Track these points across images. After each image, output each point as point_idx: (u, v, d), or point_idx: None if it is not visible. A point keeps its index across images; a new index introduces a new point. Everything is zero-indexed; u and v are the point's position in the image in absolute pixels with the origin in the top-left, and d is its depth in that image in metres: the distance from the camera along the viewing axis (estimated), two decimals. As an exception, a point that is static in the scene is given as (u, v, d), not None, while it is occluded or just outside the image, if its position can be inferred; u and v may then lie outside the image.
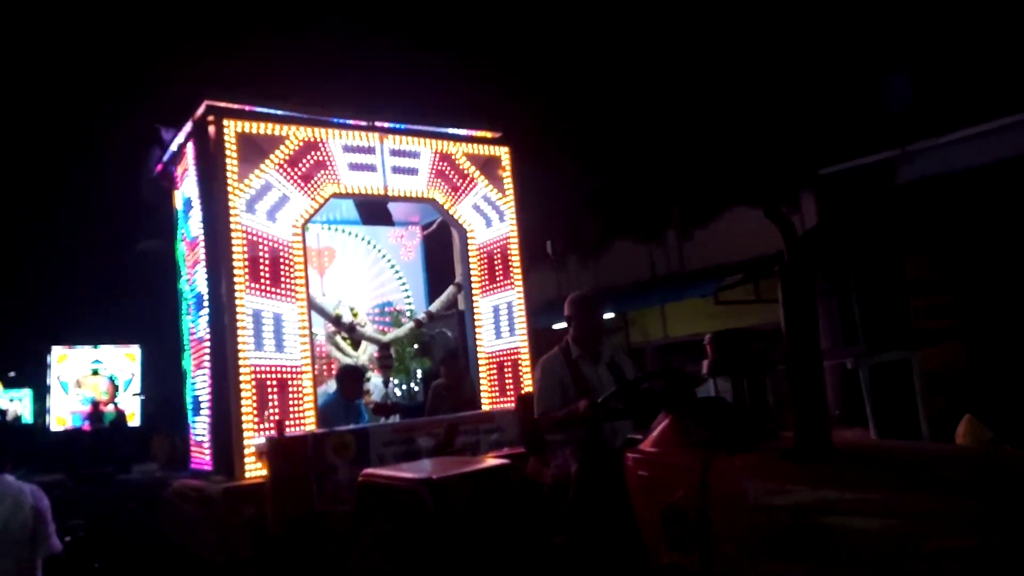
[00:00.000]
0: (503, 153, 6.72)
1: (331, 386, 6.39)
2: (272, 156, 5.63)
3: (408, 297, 7.83)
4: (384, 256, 7.85)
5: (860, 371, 7.44)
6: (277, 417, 5.24)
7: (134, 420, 17.70)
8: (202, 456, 5.79)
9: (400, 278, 7.89)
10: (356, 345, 6.96)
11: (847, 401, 8.47)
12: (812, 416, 2.58)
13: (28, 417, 25.42)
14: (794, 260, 2.60)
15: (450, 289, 6.80)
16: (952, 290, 8.85)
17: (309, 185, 5.77)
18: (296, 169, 5.72)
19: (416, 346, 6.91)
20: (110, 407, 17.58)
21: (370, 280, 7.73)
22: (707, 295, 10.58)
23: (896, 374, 7.27)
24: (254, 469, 5.16)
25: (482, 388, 6.27)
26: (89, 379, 18.45)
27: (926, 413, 6.76)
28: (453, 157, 6.45)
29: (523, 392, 4.31)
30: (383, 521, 3.85)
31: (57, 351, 18.30)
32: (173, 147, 6.48)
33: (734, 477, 2.70)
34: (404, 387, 6.90)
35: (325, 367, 6.74)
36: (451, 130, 6.56)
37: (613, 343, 4.20)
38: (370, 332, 6.64)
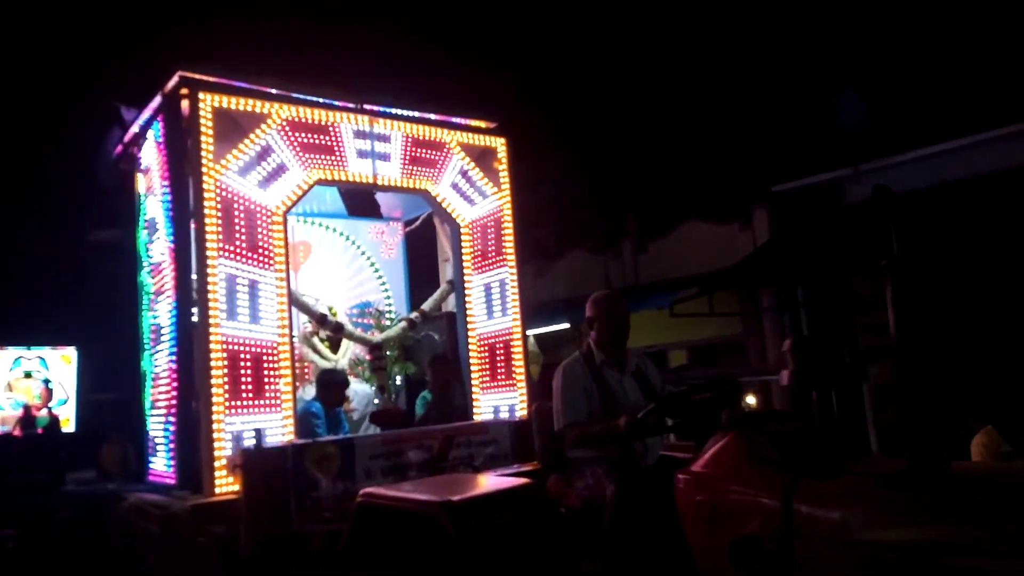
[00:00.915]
0: (499, 144, 6.28)
1: (307, 392, 5.84)
2: (254, 134, 5.09)
3: (388, 297, 7.32)
4: (363, 253, 7.33)
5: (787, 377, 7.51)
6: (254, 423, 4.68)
7: (68, 426, 16.76)
8: (163, 468, 5.19)
9: (380, 277, 7.37)
10: (336, 348, 6.43)
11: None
12: (926, 434, 2.20)
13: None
14: (904, 254, 2.23)
15: (443, 287, 6.33)
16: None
17: (303, 161, 5.25)
18: (296, 140, 5.19)
19: (398, 350, 6.40)
20: (43, 412, 16.66)
21: (348, 278, 7.20)
22: (663, 307, 10.61)
23: (845, 389, 7.33)
24: (225, 484, 4.60)
25: (473, 373, 5.80)
26: (22, 382, 17.46)
27: (875, 427, 6.73)
28: (445, 145, 5.99)
29: (538, 403, 3.85)
30: (387, 547, 3.37)
31: (-10, 352, 17.22)
32: (135, 127, 5.88)
33: (826, 506, 2.31)
34: (391, 393, 6.39)
35: (302, 371, 6.19)
36: (445, 118, 6.11)
37: (633, 349, 3.75)
38: (358, 333, 6.11)
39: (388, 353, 6.52)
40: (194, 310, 4.89)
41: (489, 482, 3.37)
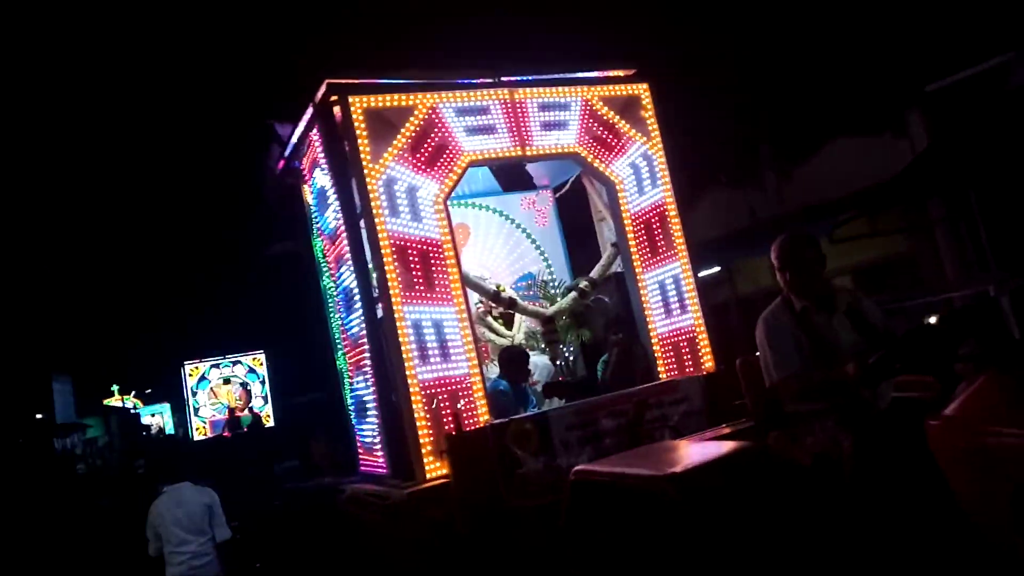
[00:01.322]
0: (642, 91, 6.00)
1: (490, 371, 5.93)
2: (404, 129, 5.15)
3: (549, 266, 7.26)
4: (518, 226, 7.31)
5: (1001, 299, 6.94)
6: (449, 411, 4.81)
7: (269, 422, 18.37)
8: (374, 460, 5.47)
9: (538, 247, 7.33)
10: (509, 324, 6.47)
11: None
12: None
13: (170, 429, 27.08)
14: None
15: (609, 251, 6.18)
16: None
17: (440, 163, 5.26)
18: (423, 151, 5.22)
19: (567, 317, 6.34)
20: (245, 412, 18.31)
21: (508, 253, 7.21)
22: (821, 236, 9.56)
23: None
24: (434, 469, 4.76)
25: (646, 311, 5.67)
26: (222, 388, 19.27)
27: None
28: (591, 103, 5.79)
29: (743, 357, 3.64)
30: (608, 524, 3.32)
31: (190, 365, 19.17)
32: (294, 139, 6.14)
33: None
34: (563, 362, 6.37)
35: (482, 350, 6.29)
36: (582, 74, 5.90)
37: (844, 286, 3.41)
38: (531, 307, 6.11)
39: (560, 323, 6.49)
40: (378, 308, 5.08)
41: (707, 448, 3.22)
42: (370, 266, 5.10)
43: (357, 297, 5.18)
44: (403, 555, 5.05)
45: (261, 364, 19.85)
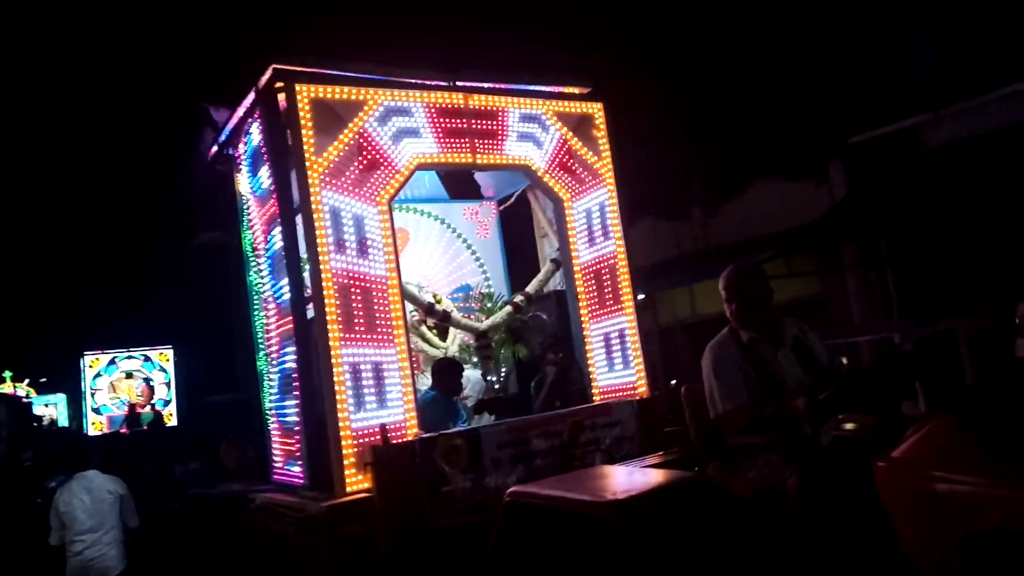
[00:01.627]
0: (596, 110, 5.96)
1: (421, 382, 5.72)
2: (352, 124, 4.93)
3: (488, 279, 7.13)
4: (459, 236, 7.15)
5: (904, 344, 7.18)
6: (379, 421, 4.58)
7: (171, 421, 17.48)
8: (290, 468, 5.17)
9: (477, 259, 7.19)
10: (444, 335, 6.29)
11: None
12: None
13: (63, 422, 25.47)
14: None
15: (547, 266, 6.09)
16: (988, 254, 8.56)
17: (386, 162, 5.06)
18: (394, 125, 5.01)
19: (503, 332, 6.21)
20: (147, 409, 17.41)
21: (447, 263, 7.04)
22: None
23: (940, 343, 7.04)
24: (356, 483, 4.52)
25: (590, 367, 5.58)
26: (123, 382, 18.29)
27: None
28: (542, 117, 5.70)
29: (687, 385, 3.58)
30: (542, 549, 3.18)
31: (90, 356, 18.11)
32: (230, 125, 5.82)
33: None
34: (495, 378, 6.22)
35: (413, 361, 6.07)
36: (538, 87, 5.82)
37: (791, 319, 3.40)
38: (464, 320, 5.94)
39: (495, 338, 6.35)
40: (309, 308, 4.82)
41: (648, 475, 3.13)
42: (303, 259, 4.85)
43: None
44: (318, 572, 4.76)
45: (168, 360, 18.89)
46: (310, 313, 4.84)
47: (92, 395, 18.08)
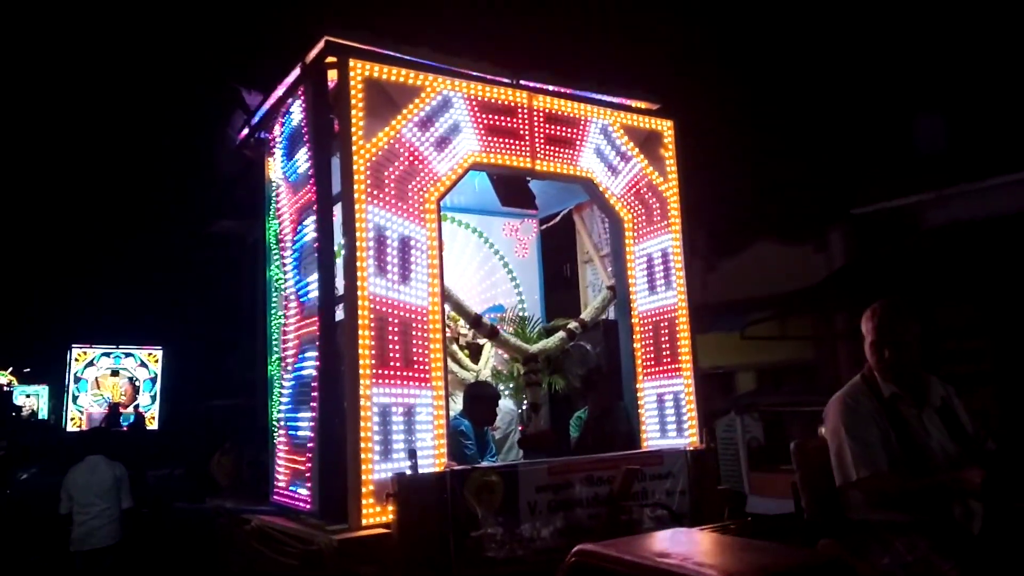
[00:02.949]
0: (666, 128, 5.47)
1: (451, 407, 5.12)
2: (407, 110, 4.42)
3: (522, 302, 6.57)
4: (496, 252, 6.60)
5: None
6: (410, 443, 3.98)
7: (153, 424, 16.76)
8: (295, 490, 4.55)
9: (514, 279, 6.62)
10: (476, 357, 5.70)
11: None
12: None
13: (44, 414, 24.66)
14: None
15: (604, 293, 5.52)
16: (982, 335, 8.79)
17: (443, 154, 4.54)
18: (432, 129, 4.50)
19: (542, 360, 5.61)
20: (129, 409, 16.74)
21: (481, 280, 6.48)
22: (732, 330, 10.33)
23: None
24: (373, 514, 3.91)
25: (641, 427, 4.99)
26: (108, 379, 17.62)
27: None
28: (610, 129, 5.21)
29: (798, 441, 2.99)
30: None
31: (78, 349, 17.44)
32: (267, 105, 5.31)
33: None
34: (525, 410, 5.62)
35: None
36: (607, 97, 5.34)
37: (935, 377, 2.84)
38: (514, 340, 5.35)
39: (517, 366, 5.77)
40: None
41: (760, 549, 2.52)
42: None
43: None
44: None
45: (156, 361, 18.20)
46: (339, 315, 4.29)
47: (76, 384, 17.35)
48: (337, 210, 4.32)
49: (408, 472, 3.85)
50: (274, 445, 4.98)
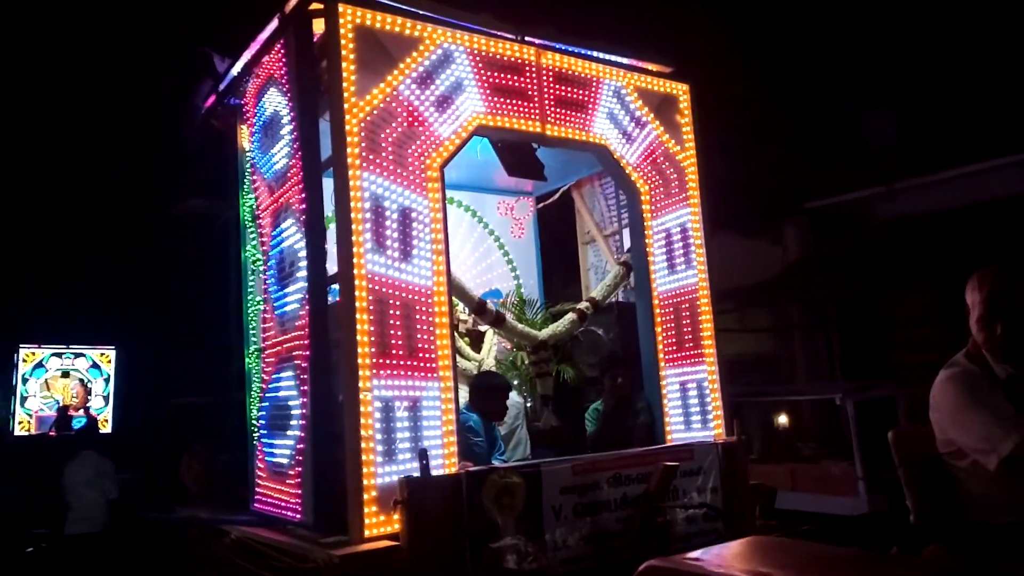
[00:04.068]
0: (682, 92, 5.02)
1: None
2: (404, 64, 3.88)
3: (520, 285, 6.08)
4: (491, 232, 6.10)
5: (846, 407, 7.49)
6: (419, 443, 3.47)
7: (106, 428, 15.89)
8: (281, 497, 4.00)
9: (510, 261, 6.13)
10: (477, 345, 5.19)
11: (831, 435, 8.49)
12: None
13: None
14: None
15: (616, 270, 5.06)
16: (932, 325, 8.91)
17: (450, 112, 4.02)
18: (432, 87, 3.98)
19: (550, 347, 5.12)
20: (80, 412, 15.86)
21: (476, 262, 5.97)
22: None
23: (881, 409, 7.48)
24: (376, 524, 3.39)
25: (665, 420, 4.54)
26: (58, 381, 16.64)
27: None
28: (623, 92, 4.74)
29: (895, 429, 2.56)
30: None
31: (26, 349, 16.41)
32: (238, 66, 4.74)
33: None
34: (531, 402, 5.15)
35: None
36: (614, 57, 4.86)
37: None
38: (522, 327, 4.85)
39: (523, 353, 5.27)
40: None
41: (872, 562, 2.07)
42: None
43: (302, 264, 3.78)
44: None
45: (109, 361, 17.21)
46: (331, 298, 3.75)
47: (23, 391, 16.33)
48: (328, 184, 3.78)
49: (418, 475, 3.33)
50: (254, 446, 4.42)
